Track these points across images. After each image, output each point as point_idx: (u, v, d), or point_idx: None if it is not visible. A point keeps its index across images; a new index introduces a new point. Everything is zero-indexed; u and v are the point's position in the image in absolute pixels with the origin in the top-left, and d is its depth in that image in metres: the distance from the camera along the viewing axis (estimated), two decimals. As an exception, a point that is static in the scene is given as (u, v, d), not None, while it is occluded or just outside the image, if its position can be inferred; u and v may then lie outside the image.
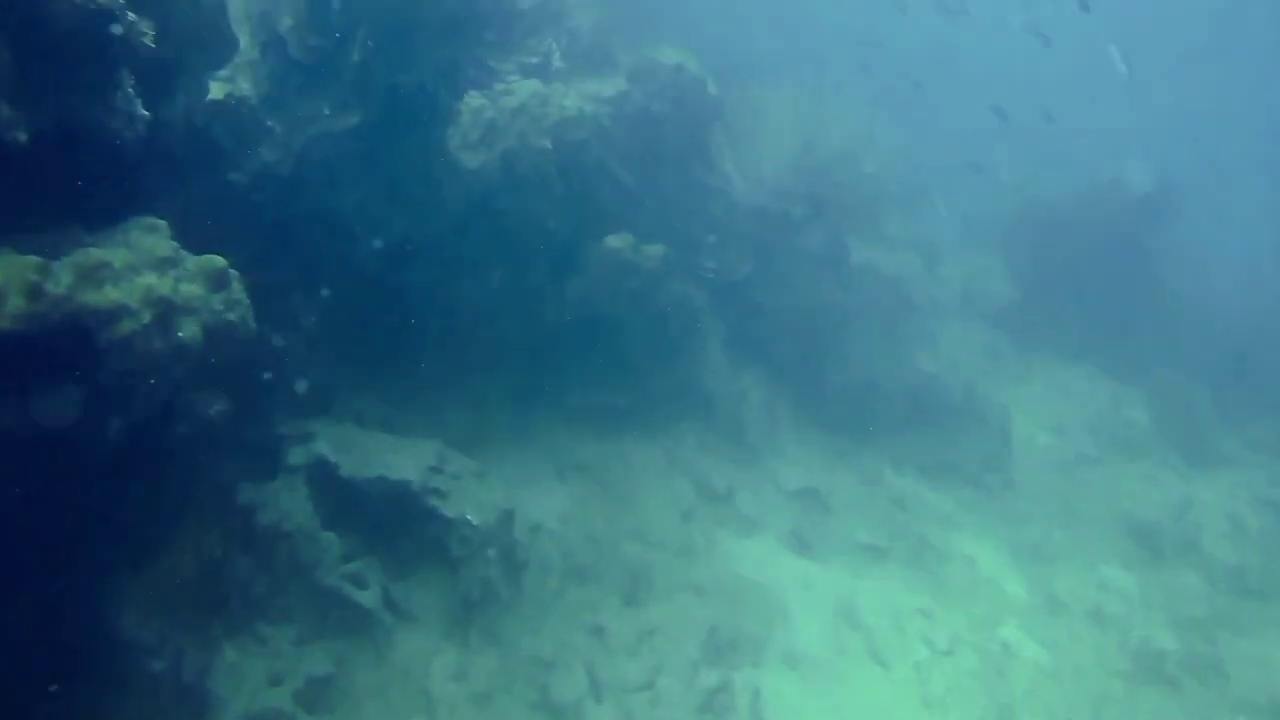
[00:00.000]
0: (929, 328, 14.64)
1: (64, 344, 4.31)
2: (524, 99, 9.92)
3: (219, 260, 5.09)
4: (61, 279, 4.32)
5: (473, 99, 9.81)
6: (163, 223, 5.06)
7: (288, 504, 6.43)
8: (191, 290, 4.80)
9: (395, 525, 6.95)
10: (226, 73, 7.36)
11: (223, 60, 6.12)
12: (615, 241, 9.88)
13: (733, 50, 16.34)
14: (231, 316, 4.86)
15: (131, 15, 4.90)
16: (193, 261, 5.00)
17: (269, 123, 7.47)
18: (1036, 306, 15.48)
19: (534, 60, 11.29)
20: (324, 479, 6.75)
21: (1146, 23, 32.48)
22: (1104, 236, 15.52)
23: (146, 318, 4.54)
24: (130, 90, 5.00)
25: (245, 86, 7.41)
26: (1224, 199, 25.38)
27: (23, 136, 4.33)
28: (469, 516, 6.98)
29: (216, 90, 7.20)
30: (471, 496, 7.26)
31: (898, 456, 12.01)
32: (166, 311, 4.67)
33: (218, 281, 4.98)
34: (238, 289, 5.01)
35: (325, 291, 7.89)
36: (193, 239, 5.24)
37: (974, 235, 17.49)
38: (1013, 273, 16.02)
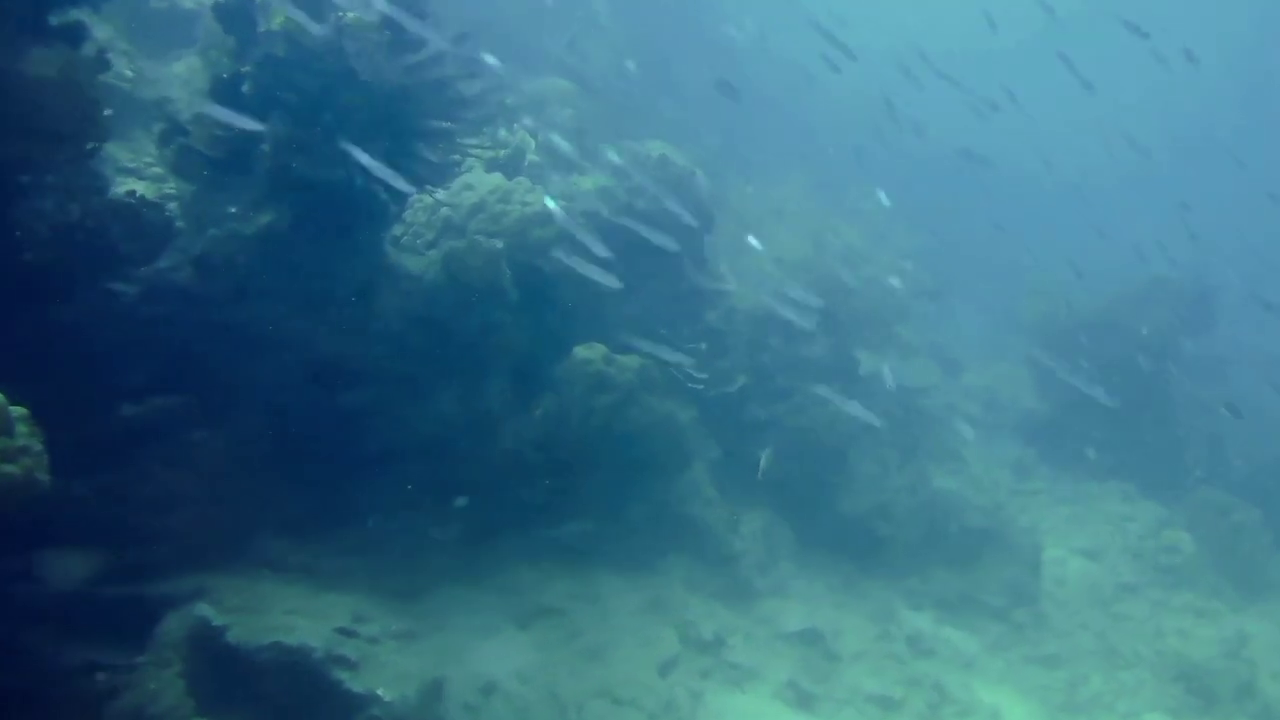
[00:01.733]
0: (949, 442, 13.44)
1: None
2: (483, 195, 9.08)
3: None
4: None
5: (425, 196, 8.99)
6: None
7: (155, 684, 5.30)
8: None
9: (291, 706, 5.77)
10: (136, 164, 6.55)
11: (94, 152, 5.24)
12: (585, 353, 8.87)
13: (737, 148, 15.68)
14: (11, 469, 3.83)
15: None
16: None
17: (179, 224, 6.60)
18: (1067, 418, 14.24)
19: (502, 153, 10.51)
20: (205, 649, 5.62)
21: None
22: (1140, 341, 14.34)
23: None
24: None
25: (154, 184, 6.58)
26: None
27: None
28: (380, 692, 5.80)
29: (124, 186, 6.37)
30: (390, 665, 6.10)
31: (913, 589, 10.71)
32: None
33: None
34: (26, 434, 3.98)
35: (238, 420, 6.91)
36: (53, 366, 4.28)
37: (999, 341, 16.41)
38: (1040, 381, 14.83)
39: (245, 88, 6.92)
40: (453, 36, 7.59)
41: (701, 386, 10.34)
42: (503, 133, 10.99)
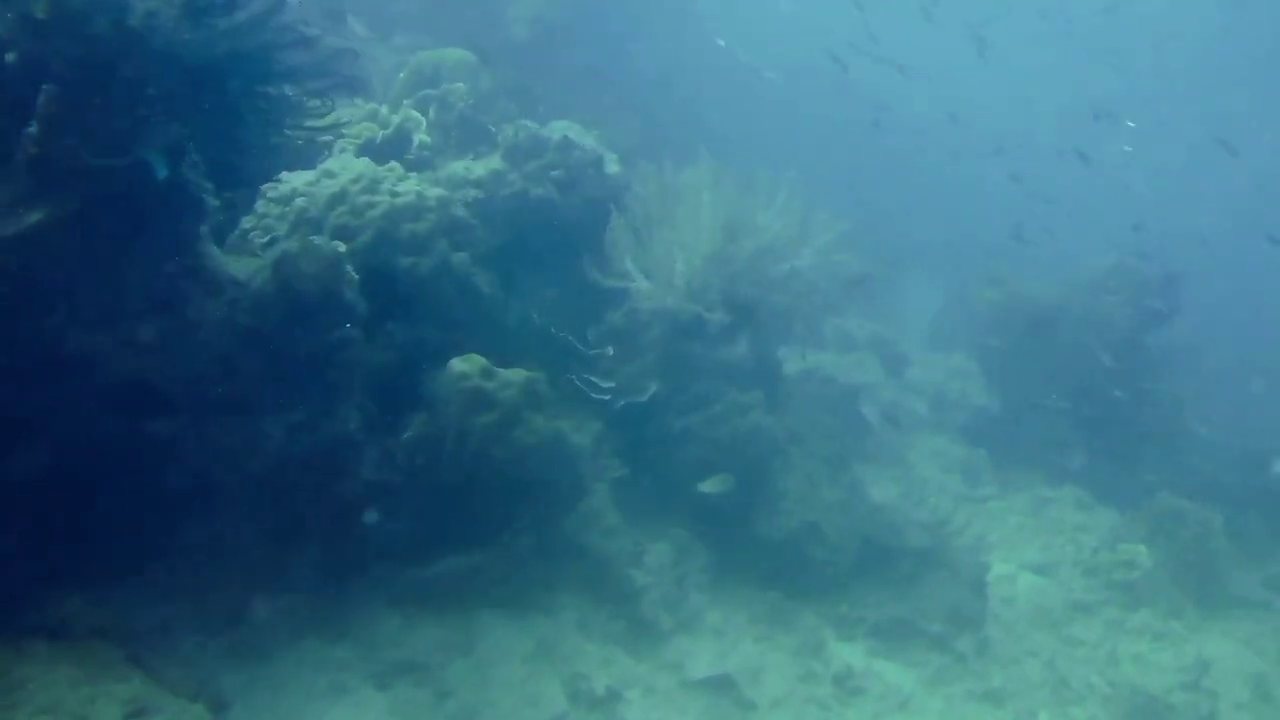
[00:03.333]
0: (891, 447, 12.44)
1: None
2: (345, 184, 7.88)
3: None
4: None
5: (278, 185, 7.78)
6: None
7: None
8: None
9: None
10: None
11: None
12: (462, 366, 7.73)
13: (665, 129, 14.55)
14: None
15: None
16: None
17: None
18: (1020, 416, 13.28)
19: (381, 134, 9.29)
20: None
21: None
22: (1098, 333, 13.37)
23: None
24: None
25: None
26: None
27: None
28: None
29: None
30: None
31: (845, 616, 9.70)
32: None
33: None
34: None
35: (17, 459, 5.72)
36: None
37: (949, 330, 15.40)
38: (991, 376, 13.85)
39: (9, 56, 5.67)
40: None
41: (608, 396, 9.24)
42: (384, 110, 9.76)
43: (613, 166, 10.28)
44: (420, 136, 10.03)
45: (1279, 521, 13.07)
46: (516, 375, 7.83)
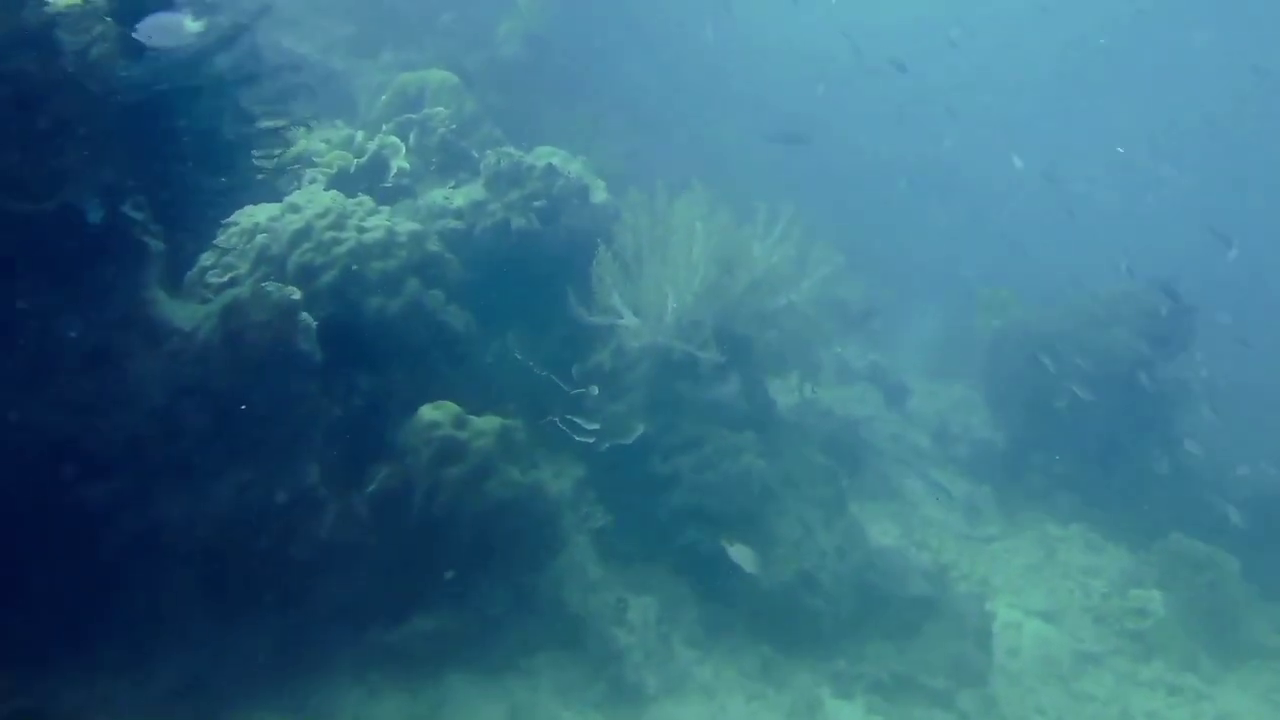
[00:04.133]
0: (892, 479, 11.93)
1: None
2: (310, 219, 7.41)
3: None
4: None
5: (240, 220, 7.31)
6: None
7: None
8: None
9: None
10: None
11: None
12: (432, 414, 7.25)
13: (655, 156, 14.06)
14: None
15: None
16: None
17: None
18: (1025, 451, 12.75)
19: (356, 163, 8.82)
20: None
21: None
22: (1106, 364, 12.84)
23: None
24: None
25: None
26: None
27: None
28: None
29: None
30: None
31: (842, 671, 9.18)
32: None
33: None
34: None
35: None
36: None
37: (951, 358, 14.88)
38: (996, 408, 13.32)
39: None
40: (230, 26, 5.92)
41: (592, 439, 8.74)
42: (360, 136, 9.29)
43: (600, 195, 9.81)
44: (399, 163, 9.57)
45: (1296, 561, 12.52)
46: (490, 423, 7.34)
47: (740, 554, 7.59)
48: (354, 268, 7.37)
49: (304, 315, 6.15)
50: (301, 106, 6.46)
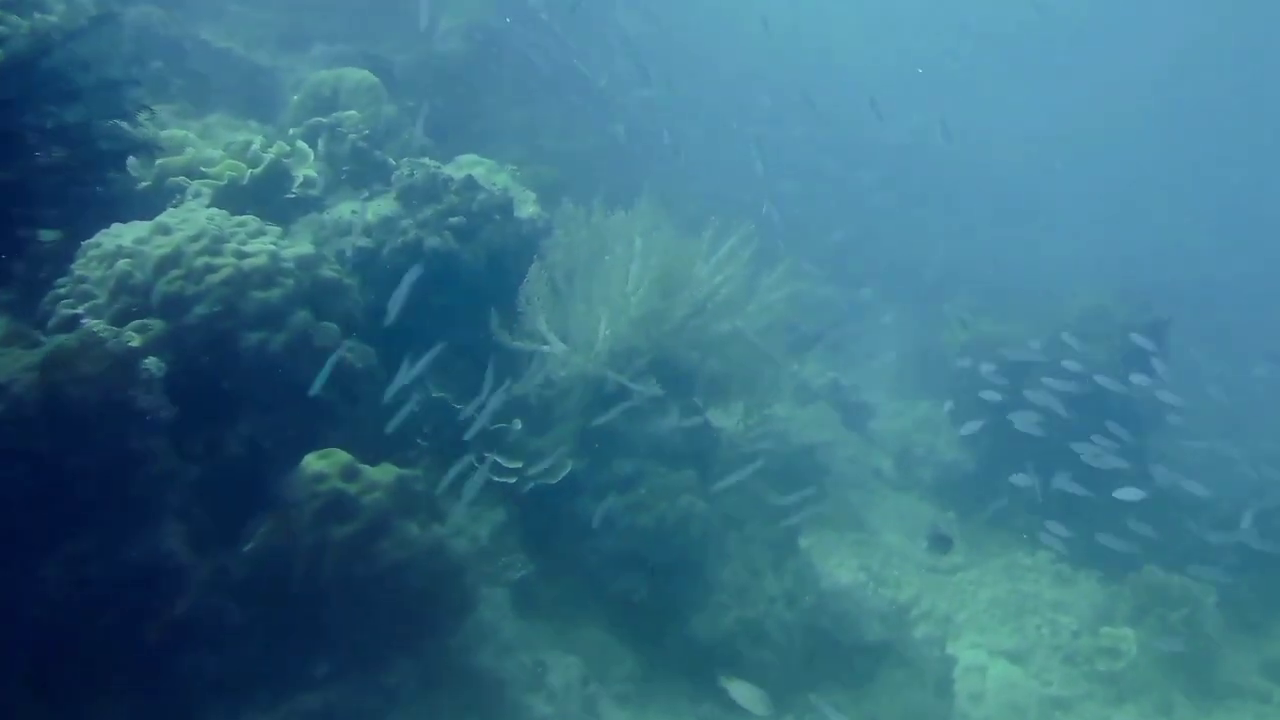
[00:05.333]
0: (851, 507, 11.18)
1: None
2: (181, 242, 6.55)
3: None
4: None
5: (101, 242, 6.48)
6: None
7: None
8: None
9: None
10: None
11: None
12: (318, 464, 6.42)
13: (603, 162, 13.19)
14: None
15: None
16: None
17: None
18: (993, 474, 11.99)
19: (250, 173, 7.95)
20: None
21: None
22: (1079, 382, 12.11)
23: None
24: None
25: None
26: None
27: None
28: None
29: None
30: None
31: (789, 729, 8.43)
32: None
33: None
34: None
35: None
36: None
37: (915, 374, 14.14)
38: (957, 424, 12.56)
39: None
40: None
41: (513, 479, 7.93)
42: (257, 142, 8.40)
43: (529, 208, 8.98)
44: (305, 172, 8.69)
45: (1275, 588, 11.88)
46: (385, 474, 6.52)
47: (743, 694, 6.70)
48: (229, 298, 6.50)
49: (147, 363, 5.31)
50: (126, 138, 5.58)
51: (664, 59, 15.95)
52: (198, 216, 6.93)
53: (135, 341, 5.33)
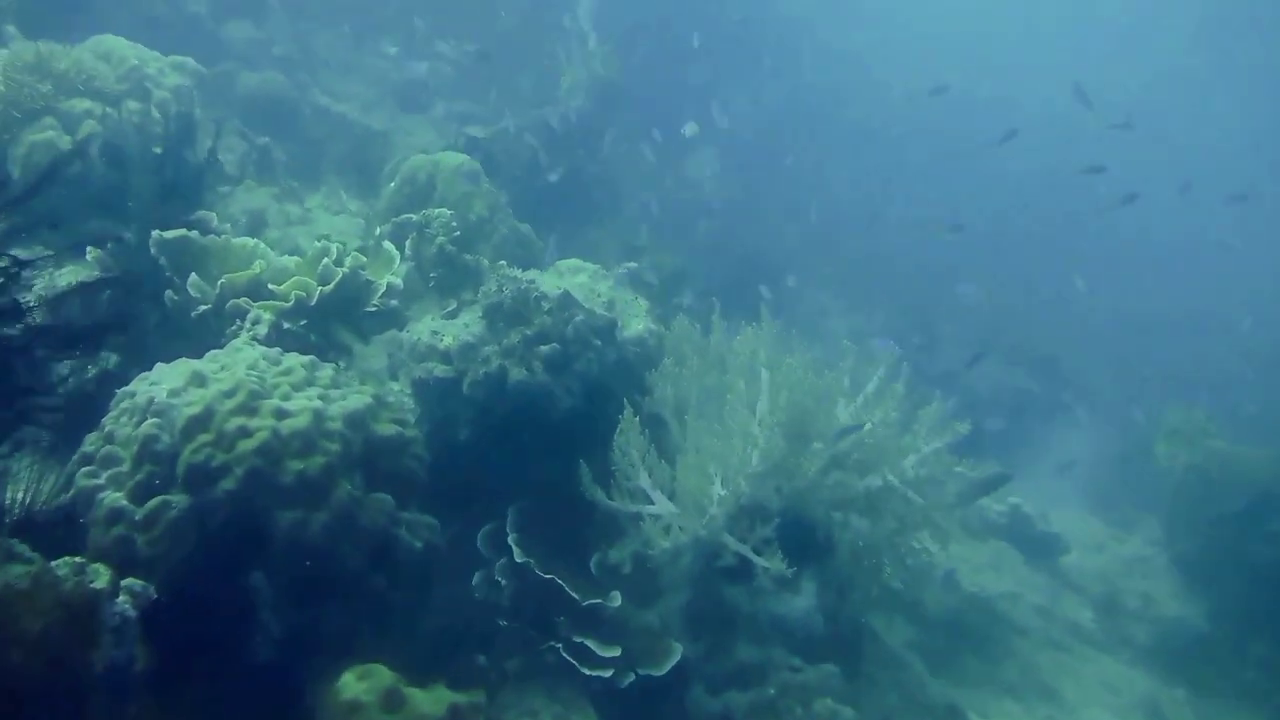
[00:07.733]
0: (1040, 673, 9.12)
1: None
2: (212, 398, 5.56)
3: None
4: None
5: (135, 391, 5.62)
6: None
7: None
8: None
9: None
10: None
11: None
12: (356, 687, 5.22)
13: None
14: None
15: None
16: None
17: None
18: (1237, 635, 9.44)
19: (320, 293, 6.98)
20: None
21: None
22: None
23: None
24: None
25: None
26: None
27: None
28: None
29: None
30: None
31: None
32: None
33: None
34: None
35: None
36: None
37: (1117, 490, 11.75)
38: (1190, 574, 10.12)
39: None
40: None
41: (609, 673, 6.48)
42: (333, 251, 7.36)
43: (637, 325, 7.60)
44: (388, 279, 7.62)
45: None
46: (433, 704, 5.21)
47: None
48: (262, 471, 5.42)
49: (116, 606, 4.18)
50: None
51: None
52: (239, 362, 5.92)
53: (101, 581, 4.22)
